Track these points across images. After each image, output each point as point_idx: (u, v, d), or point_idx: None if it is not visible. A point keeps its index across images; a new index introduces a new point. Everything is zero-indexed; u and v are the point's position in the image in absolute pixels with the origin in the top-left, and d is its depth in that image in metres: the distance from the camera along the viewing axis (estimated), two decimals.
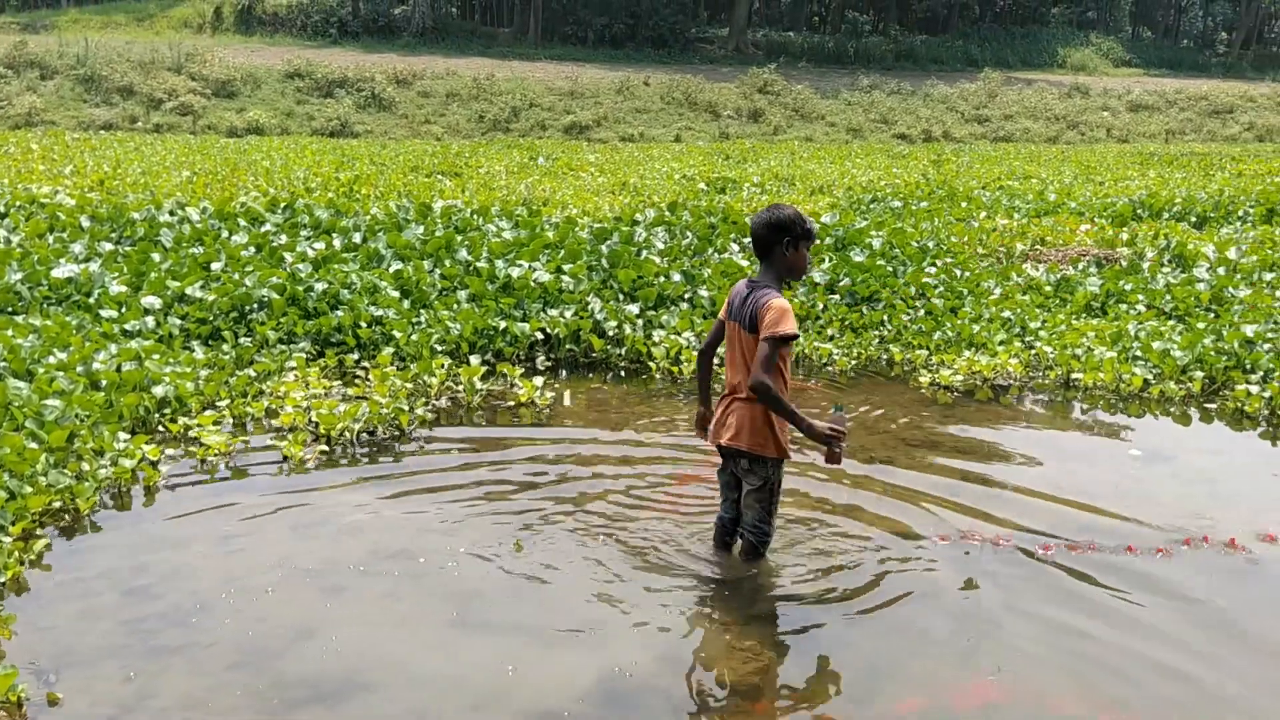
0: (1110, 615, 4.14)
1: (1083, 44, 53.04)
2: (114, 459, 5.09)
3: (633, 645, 3.86)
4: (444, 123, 31.45)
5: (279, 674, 3.61)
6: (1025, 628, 4.02)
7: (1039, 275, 9.97)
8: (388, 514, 4.94)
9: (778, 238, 4.08)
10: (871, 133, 34.79)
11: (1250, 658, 3.88)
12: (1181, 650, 3.89)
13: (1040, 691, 3.62)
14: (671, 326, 7.98)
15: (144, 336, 6.97)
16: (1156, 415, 6.78)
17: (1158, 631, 4.02)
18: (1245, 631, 4.05)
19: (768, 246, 4.10)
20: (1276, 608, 4.29)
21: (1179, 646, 3.92)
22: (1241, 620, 4.13)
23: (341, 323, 7.41)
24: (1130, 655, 3.85)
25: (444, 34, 43.27)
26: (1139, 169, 22.16)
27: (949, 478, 5.55)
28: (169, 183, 14.76)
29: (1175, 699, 3.62)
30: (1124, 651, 3.88)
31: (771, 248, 4.09)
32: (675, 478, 5.33)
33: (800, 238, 4.10)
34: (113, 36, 36.77)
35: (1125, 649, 3.89)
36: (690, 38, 46.77)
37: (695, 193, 15.91)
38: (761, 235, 4.10)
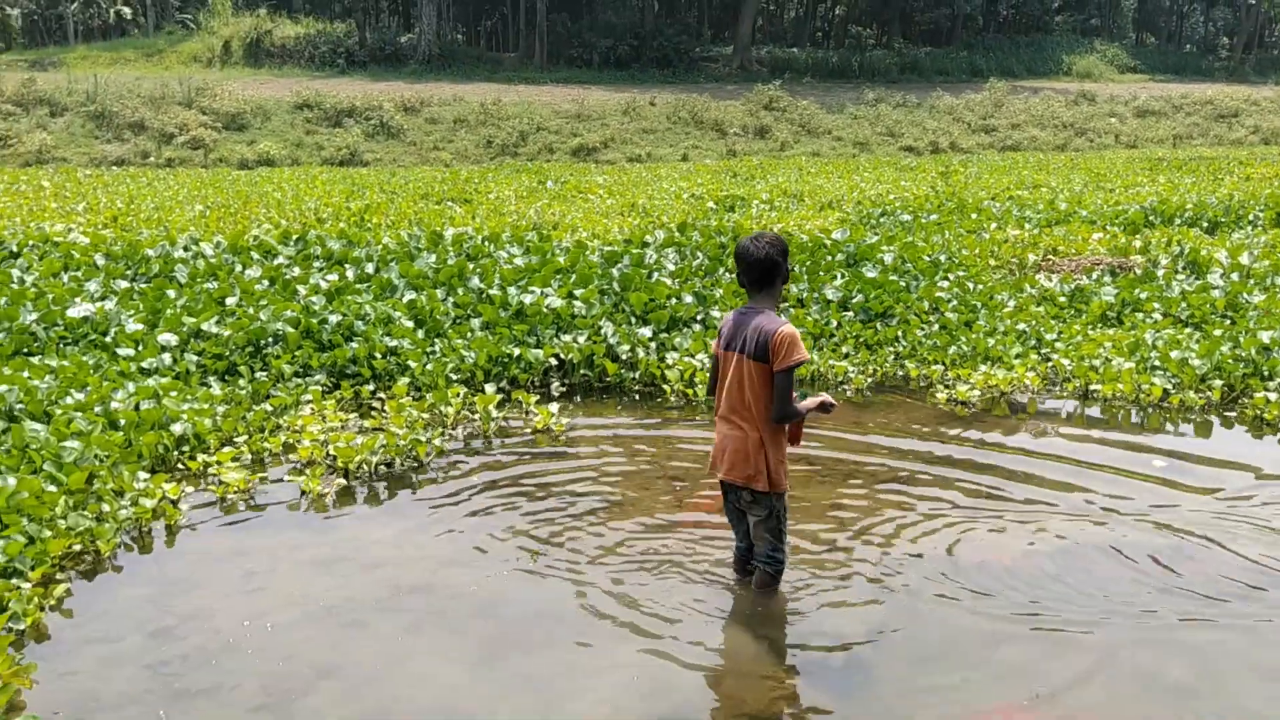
0: (1149, 640, 4.08)
1: (1087, 51, 53.01)
2: (134, 499, 5.09)
3: (657, 674, 3.83)
4: (452, 149, 31.59)
5: (304, 714, 3.59)
6: (1053, 652, 3.97)
7: (1053, 286, 9.93)
8: (408, 548, 4.93)
9: (783, 260, 4.12)
10: (879, 146, 34.79)
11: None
12: (1218, 672, 3.85)
13: (1073, 714, 3.57)
14: (685, 349, 7.97)
15: (161, 374, 6.99)
16: (1177, 425, 6.73)
17: (1200, 653, 3.97)
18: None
19: (773, 270, 4.11)
20: None
21: (1215, 669, 3.87)
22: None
23: (356, 354, 7.43)
24: (1161, 676, 3.81)
25: (450, 61, 43.50)
26: (1149, 175, 22.10)
27: (970, 495, 5.51)
28: (182, 217, 14.85)
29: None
30: (1158, 675, 3.83)
31: (774, 273, 4.11)
32: (688, 522, 5.26)
33: (786, 259, 4.17)
34: (122, 72, 37.08)
35: (1161, 673, 3.84)
36: (695, 57, 46.92)
37: (704, 212, 15.92)
38: (771, 261, 4.09)
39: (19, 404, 6.00)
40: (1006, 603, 4.33)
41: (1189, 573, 4.61)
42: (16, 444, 5.40)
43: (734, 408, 4.18)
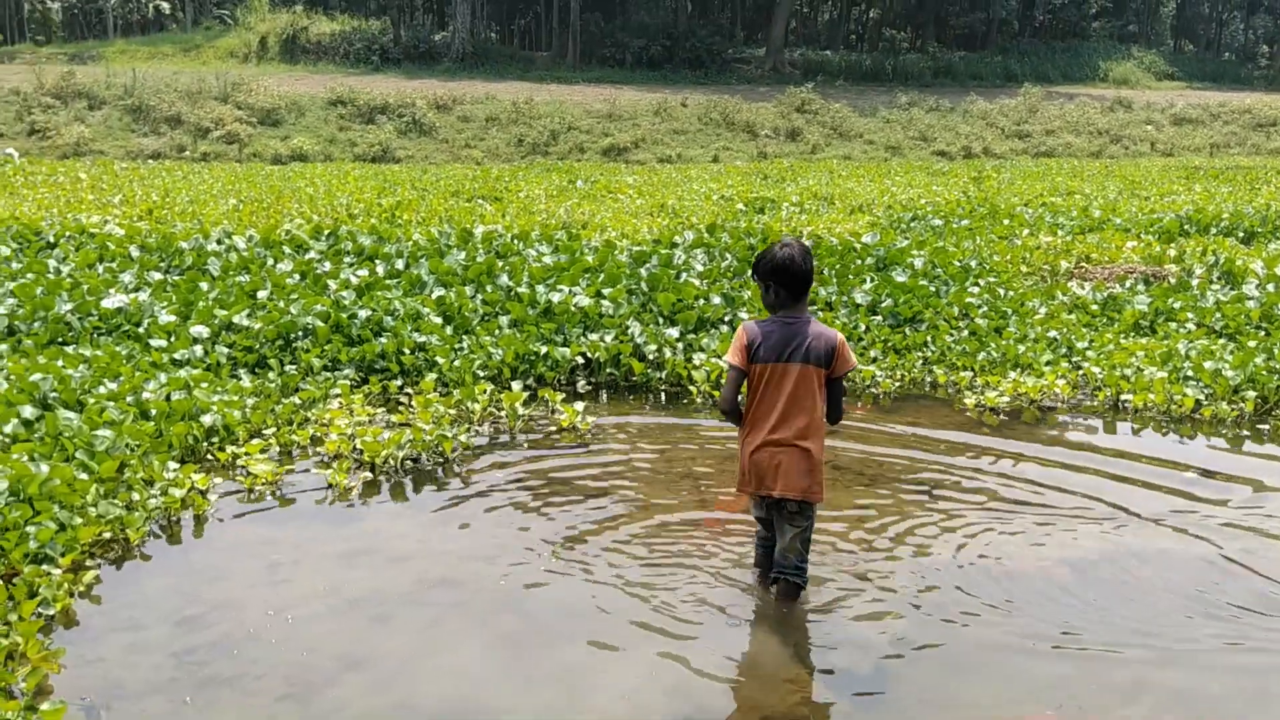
0: (1180, 656, 4.03)
1: (1125, 58, 52.52)
2: (164, 488, 5.14)
3: (679, 673, 3.83)
4: (484, 147, 31.71)
5: (328, 705, 3.62)
6: (1082, 661, 3.93)
7: (1085, 294, 9.84)
8: (432, 542, 4.95)
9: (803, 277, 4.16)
10: (910, 150, 34.62)
11: None
12: (1258, 693, 3.80)
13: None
14: (712, 349, 7.95)
15: (193, 365, 7.06)
16: (1209, 436, 6.65)
17: (1237, 671, 3.92)
18: None
19: (806, 284, 4.16)
20: None
21: (1254, 689, 3.83)
22: None
23: (385, 349, 7.47)
24: (1194, 694, 3.76)
25: (483, 59, 43.69)
26: (1184, 183, 21.86)
27: (997, 503, 5.46)
28: (216, 211, 14.99)
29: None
30: (1192, 692, 3.79)
31: (808, 282, 4.17)
32: (708, 523, 5.26)
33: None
34: (160, 67, 37.50)
35: (1195, 691, 3.80)
36: (727, 58, 46.87)
37: (734, 213, 15.90)
38: (804, 277, 4.14)
39: (53, 392, 6.07)
40: (1033, 614, 4.29)
41: (1224, 588, 4.55)
42: (50, 432, 5.47)
43: (791, 419, 4.10)
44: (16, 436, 5.49)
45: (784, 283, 4.14)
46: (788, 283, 4.14)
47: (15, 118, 30.22)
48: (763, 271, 4.18)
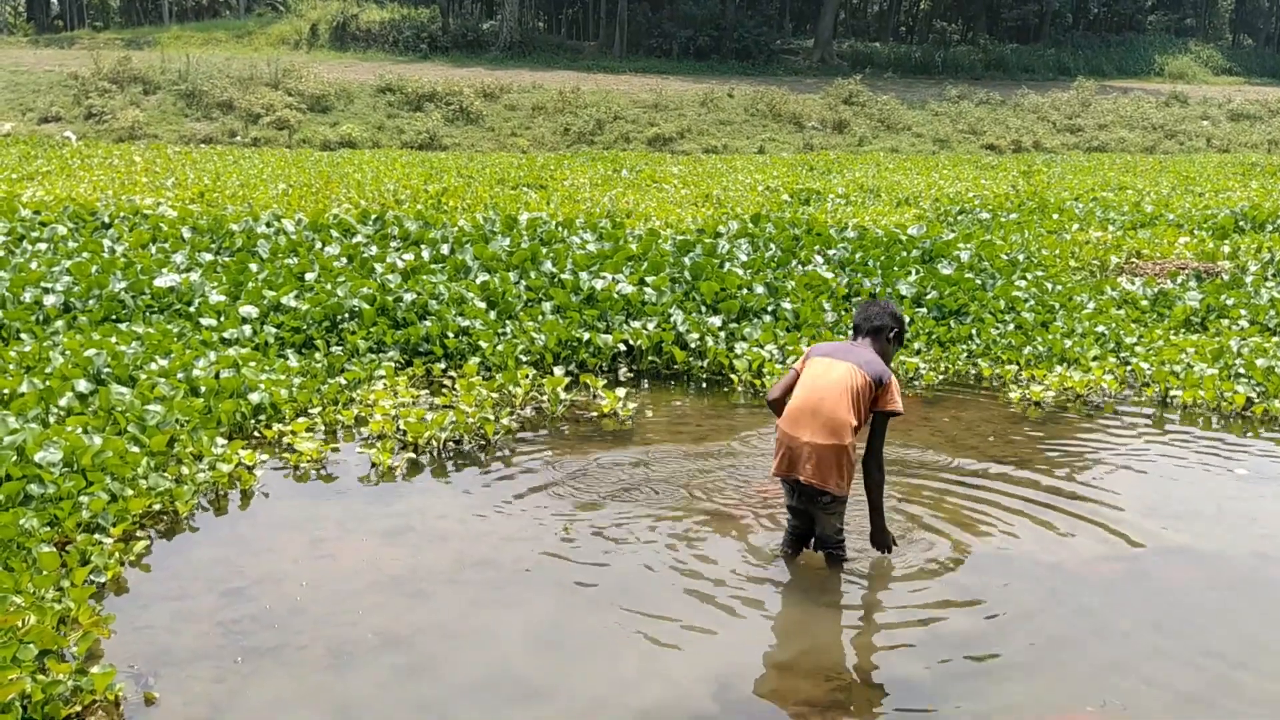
0: (1221, 644, 3.98)
1: (1181, 52, 51.50)
2: (212, 463, 5.24)
3: (719, 659, 3.84)
4: (530, 135, 31.80)
5: (367, 678, 3.67)
6: (1126, 658, 3.88)
7: (1135, 289, 9.70)
8: (473, 522, 5.00)
9: (894, 325, 4.51)
10: (959, 143, 34.23)
11: None
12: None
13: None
14: (754, 339, 7.94)
15: (241, 344, 7.17)
16: (1260, 434, 6.54)
17: (1267, 662, 3.87)
18: None
19: (883, 329, 4.50)
20: None
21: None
22: None
23: (429, 333, 7.53)
24: (1242, 694, 3.71)
25: (531, 48, 43.79)
26: (1240, 180, 21.43)
27: (1041, 496, 5.41)
28: (265, 195, 15.19)
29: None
30: (1228, 685, 3.74)
31: (884, 331, 4.50)
32: (752, 503, 5.29)
33: (902, 335, 4.58)
34: (213, 53, 37.99)
35: (1235, 680, 3.75)
36: (775, 49, 46.56)
37: (779, 204, 15.83)
38: (884, 317, 4.51)
39: (107, 368, 6.20)
40: (1075, 607, 4.26)
41: (1267, 584, 4.49)
42: (103, 406, 5.59)
43: (821, 412, 4.26)
44: (71, 410, 5.61)
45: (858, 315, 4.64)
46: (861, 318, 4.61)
47: (73, 102, 30.77)
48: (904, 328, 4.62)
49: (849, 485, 4.31)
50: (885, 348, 4.49)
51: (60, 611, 3.73)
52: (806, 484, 4.28)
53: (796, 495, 4.38)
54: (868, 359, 4.34)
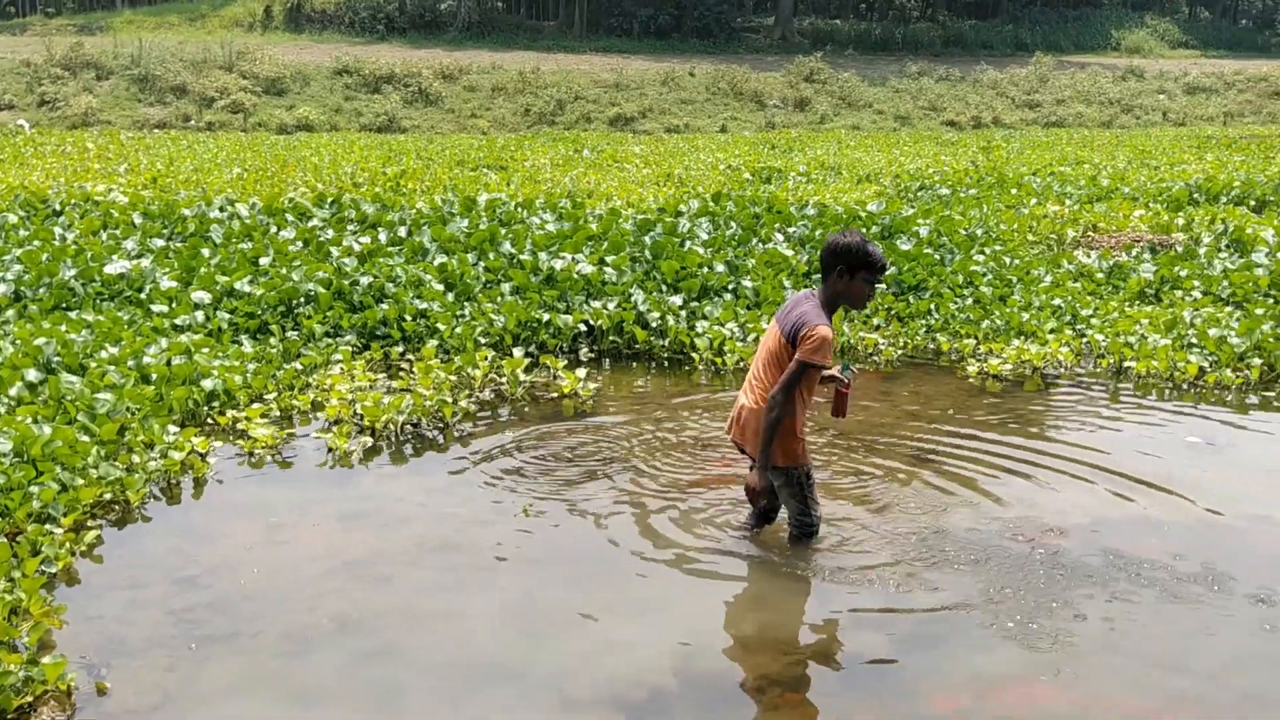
0: (1178, 615, 4.03)
1: (1137, 25, 51.91)
2: (164, 451, 5.16)
3: (683, 636, 3.85)
4: (490, 116, 31.55)
5: (324, 663, 3.64)
6: (1082, 628, 3.92)
7: (1091, 262, 9.78)
8: (432, 505, 4.97)
9: (834, 263, 4.14)
10: (920, 120, 34.35)
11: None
12: (1246, 647, 3.80)
13: (1097, 694, 3.52)
14: (715, 317, 7.93)
15: (194, 331, 7.07)
16: (1212, 403, 6.62)
17: (1224, 630, 3.92)
18: None
19: (826, 269, 4.20)
20: None
21: (1233, 646, 3.83)
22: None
23: (386, 316, 7.47)
24: (1194, 656, 3.76)
25: (490, 28, 43.39)
26: (1196, 153, 21.67)
27: (997, 468, 5.46)
28: (220, 179, 14.97)
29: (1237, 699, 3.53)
30: (1187, 653, 3.79)
31: (829, 271, 4.18)
32: (705, 480, 5.29)
33: (856, 267, 4.10)
34: (166, 37, 37.34)
35: (1191, 652, 3.80)
36: (736, 27, 46.43)
37: (740, 183, 15.82)
38: (822, 256, 4.22)
39: (56, 356, 6.09)
40: (1031, 576, 4.29)
41: (1222, 550, 4.55)
42: (53, 395, 5.50)
43: (755, 375, 4.28)
44: (21, 399, 5.52)
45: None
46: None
47: (26, 89, 30.15)
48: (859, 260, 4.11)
49: (783, 455, 4.20)
50: (843, 287, 4.14)
51: (11, 602, 3.67)
52: (735, 443, 4.39)
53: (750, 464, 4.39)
54: (798, 313, 4.11)
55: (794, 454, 4.23)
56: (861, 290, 4.15)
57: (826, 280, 4.18)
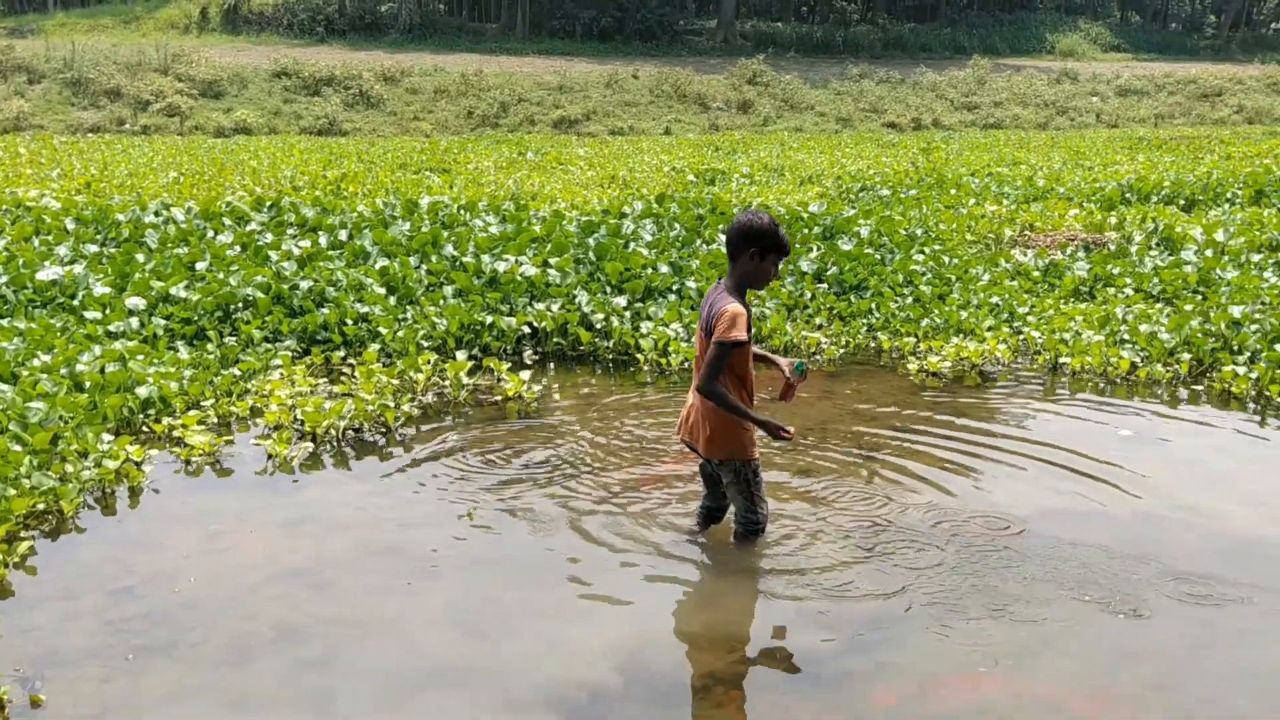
0: (1115, 605, 4.11)
1: (1071, 29, 53.03)
2: (98, 460, 5.06)
3: (628, 635, 3.85)
4: (432, 119, 31.36)
5: (265, 671, 3.60)
6: (1023, 620, 3.98)
7: (1027, 261, 9.97)
8: (374, 510, 4.93)
9: (745, 245, 4.13)
10: (861, 122, 34.75)
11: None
12: (1181, 635, 3.90)
13: (1037, 685, 3.58)
14: (659, 318, 7.96)
15: (128, 337, 6.94)
16: (1144, 397, 6.78)
17: (1160, 618, 4.02)
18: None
19: (736, 251, 4.17)
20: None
21: (1180, 639, 3.92)
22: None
23: (327, 320, 7.39)
24: (1132, 645, 3.84)
25: (431, 30, 43.15)
26: (1128, 154, 22.17)
27: (938, 464, 5.54)
28: (155, 184, 14.72)
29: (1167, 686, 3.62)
30: (1125, 642, 3.87)
31: (739, 253, 4.16)
32: (651, 480, 5.31)
33: (768, 250, 4.13)
34: (99, 39, 36.61)
35: (1129, 641, 3.88)
36: (678, 30, 46.66)
37: (684, 185, 15.88)
38: (731, 239, 4.18)
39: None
40: (973, 570, 4.36)
41: (1156, 540, 4.66)
42: None
43: (698, 370, 4.29)
44: None
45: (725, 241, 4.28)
46: (725, 241, 4.27)
47: None
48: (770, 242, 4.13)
49: (732, 450, 4.22)
50: (753, 268, 4.14)
51: None
52: (685, 443, 4.39)
53: (702, 460, 4.42)
54: (710, 302, 4.15)
55: (743, 446, 4.24)
56: (769, 271, 4.19)
57: (736, 262, 4.18)
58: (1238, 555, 4.53)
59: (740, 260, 4.16)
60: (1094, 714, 3.43)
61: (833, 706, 3.47)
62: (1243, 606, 4.07)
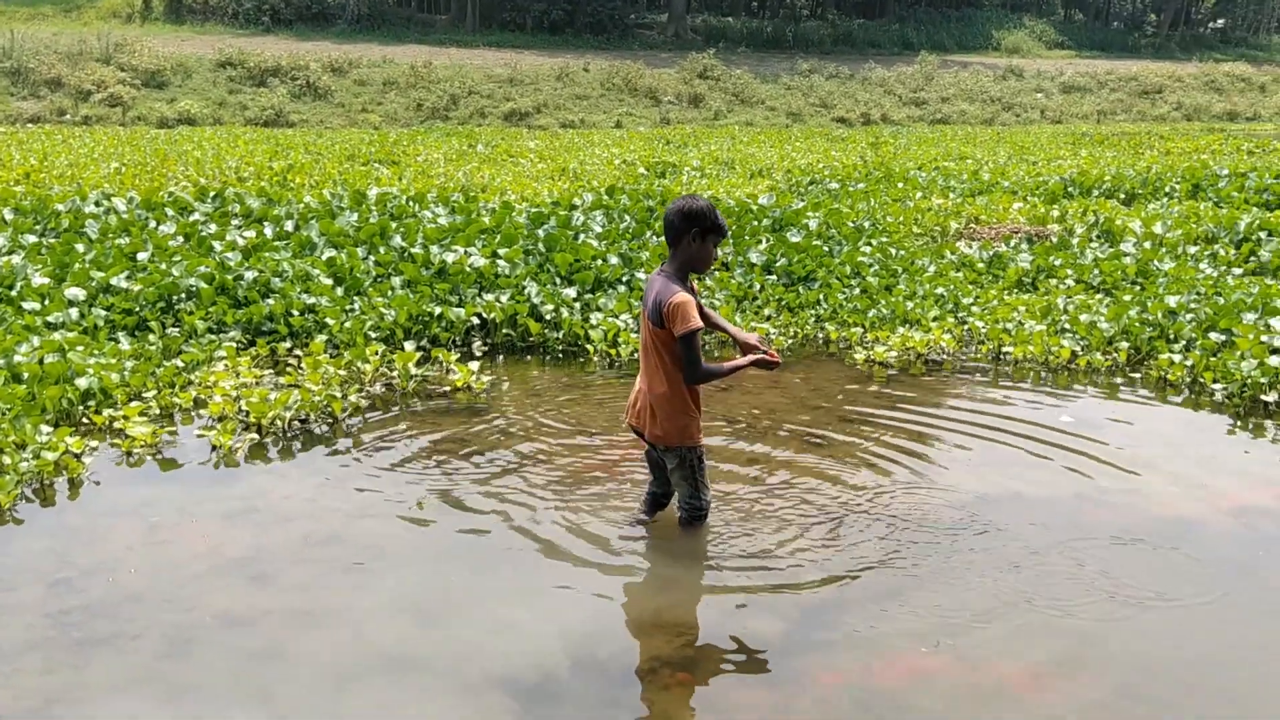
0: (1056, 582, 4.19)
1: (1016, 26, 53.74)
2: (36, 452, 4.97)
3: (576, 622, 3.87)
4: (381, 111, 31.05)
5: (207, 663, 3.56)
6: (967, 600, 4.05)
7: (972, 253, 10.11)
8: (320, 501, 4.89)
9: (686, 227, 4.15)
10: (811, 116, 34.97)
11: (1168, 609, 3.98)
12: (1122, 618, 3.99)
13: (976, 664, 3.65)
14: (609, 309, 7.97)
15: (68, 328, 6.82)
16: (1084, 385, 6.92)
17: (1101, 593, 4.10)
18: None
19: (678, 234, 4.18)
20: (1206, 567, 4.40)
21: (1110, 615, 4.01)
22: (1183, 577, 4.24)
23: (273, 311, 7.31)
24: (1075, 621, 3.92)
25: (379, 21, 42.69)
26: (1071, 149, 22.54)
27: (884, 451, 5.61)
28: (96, 174, 14.44)
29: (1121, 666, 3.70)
30: (1068, 618, 3.95)
31: (680, 236, 4.17)
32: (598, 468, 5.33)
33: (708, 231, 4.15)
34: (40, 28, 35.79)
35: (1071, 617, 3.96)
36: (629, 24, 46.61)
37: (635, 178, 15.89)
38: (672, 222, 4.18)
39: None
40: (914, 554, 4.43)
41: (1095, 521, 4.76)
42: None
43: (643, 364, 4.33)
44: None
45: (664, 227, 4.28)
46: (664, 227, 4.28)
47: None
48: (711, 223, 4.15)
49: (678, 435, 4.25)
50: (695, 250, 4.16)
51: None
52: (632, 427, 4.41)
53: (648, 446, 4.44)
54: (654, 295, 4.14)
55: (689, 432, 4.28)
56: (710, 252, 4.20)
57: (677, 247, 4.19)
58: (1170, 534, 4.64)
59: (682, 244, 4.17)
60: (1034, 691, 3.51)
61: (778, 688, 3.51)
62: (1175, 583, 4.17)
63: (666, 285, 4.15)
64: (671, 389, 4.21)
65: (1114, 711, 3.41)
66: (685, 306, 4.05)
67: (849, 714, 3.38)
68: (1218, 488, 5.19)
